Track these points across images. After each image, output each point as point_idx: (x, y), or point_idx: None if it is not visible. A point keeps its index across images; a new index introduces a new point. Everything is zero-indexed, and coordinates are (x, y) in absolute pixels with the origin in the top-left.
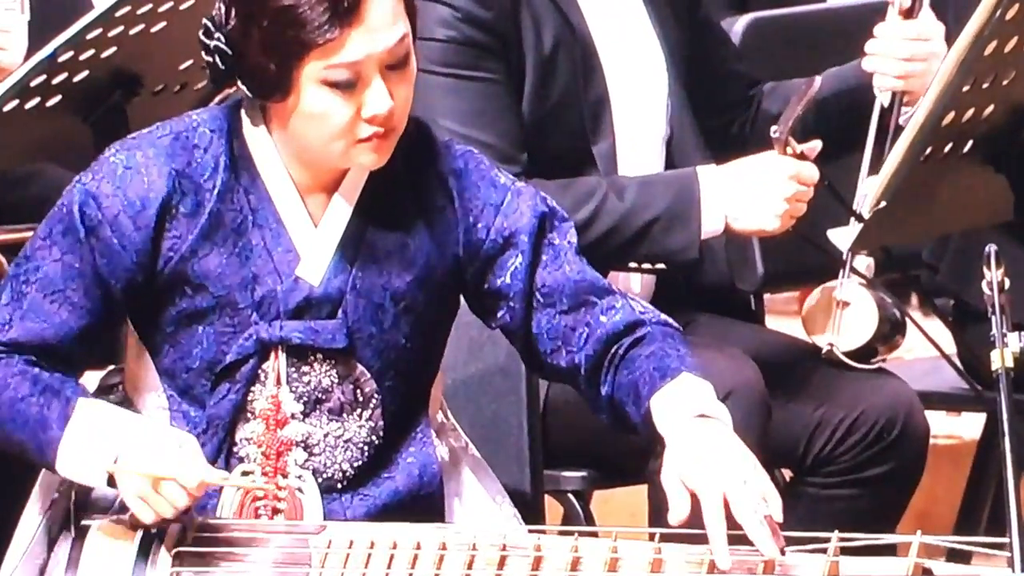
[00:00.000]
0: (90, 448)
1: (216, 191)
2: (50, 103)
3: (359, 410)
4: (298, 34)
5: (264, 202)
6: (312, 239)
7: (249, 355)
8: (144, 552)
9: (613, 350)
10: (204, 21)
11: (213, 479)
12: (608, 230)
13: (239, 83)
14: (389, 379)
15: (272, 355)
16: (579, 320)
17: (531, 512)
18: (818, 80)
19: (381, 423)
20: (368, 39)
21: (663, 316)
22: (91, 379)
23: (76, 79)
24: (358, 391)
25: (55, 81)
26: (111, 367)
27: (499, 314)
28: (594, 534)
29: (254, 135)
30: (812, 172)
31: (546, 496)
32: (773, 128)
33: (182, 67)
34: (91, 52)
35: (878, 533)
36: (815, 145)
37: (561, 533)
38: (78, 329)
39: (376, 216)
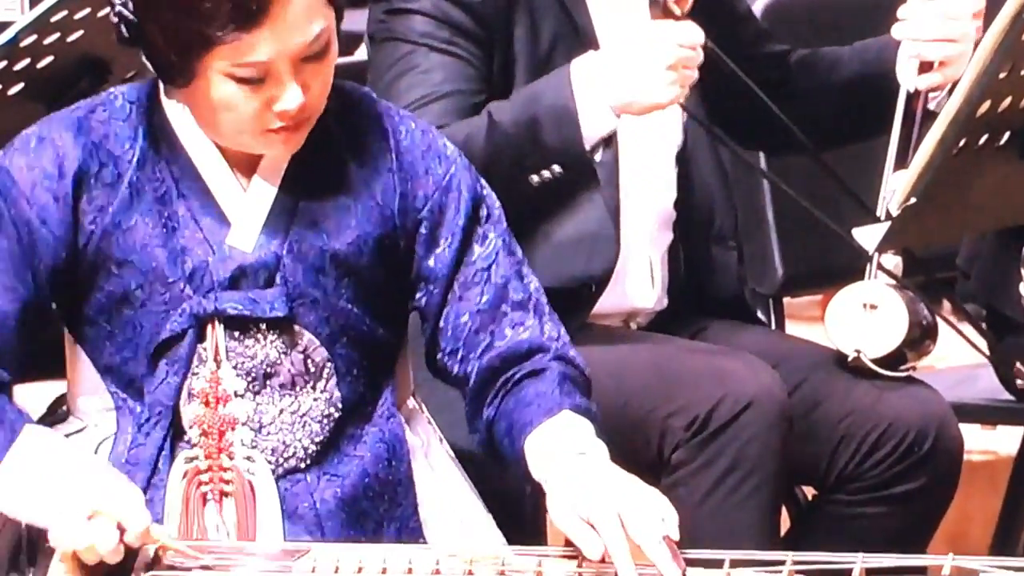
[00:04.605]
0: (30, 476)
1: (135, 160)
2: (11, 91)
3: (312, 382)
4: (201, 29)
5: (187, 171)
6: (242, 205)
7: (183, 331)
8: None
9: (508, 373)
10: None
11: (158, 534)
12: (497, 145)
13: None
14: (341, 347)
15: (209, 329)
16: (484, 326)
17: (532, 532)
18: None
19: (337, 394)
20: (279, 39)
21: (572, 352)
22: (53, 391)
23: (40, 65)
24: (308, 361)
25: (17, 67)
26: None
27: (418, 296)
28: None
29: (173, 105)
30: (695, 33)
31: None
32: None
33: None
34: (56, 36)
35: (907, 554)
36: None
37: (564, 556)
38: (14, 315)
39: (311, 178)
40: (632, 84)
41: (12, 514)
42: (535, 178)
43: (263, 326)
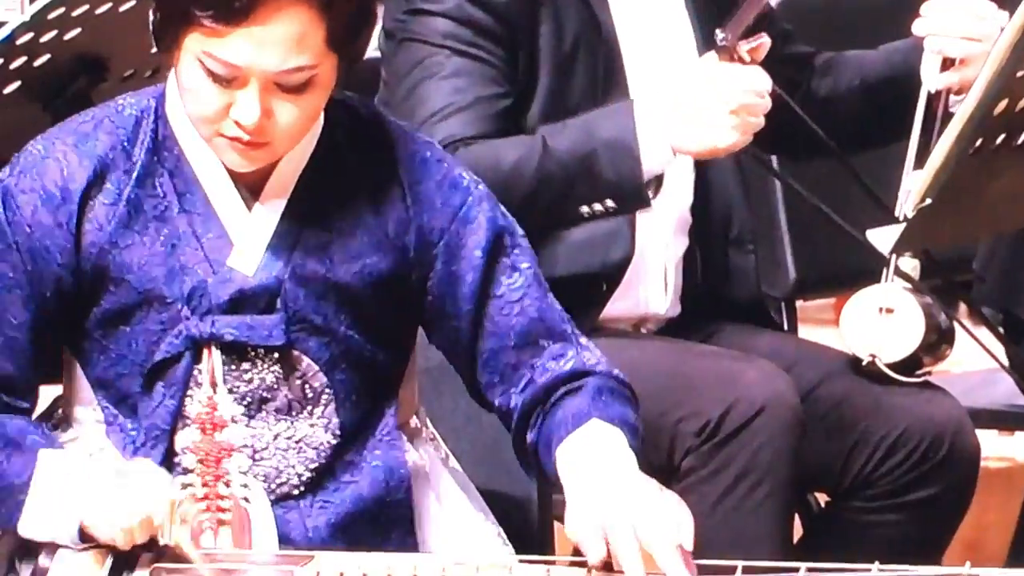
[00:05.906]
0: (60, 499)
1: (135, 175)
2: (7, 90)
3: (310, 407)
4: (186, 2)
5: (191, 186)
6: (245, 225)
7: (179, 353)
8: (118, 571)
9: (548, 397)
10: None
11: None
12: (549, 174)
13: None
14: (340, 373)
15: (206, 354)
16: (523, 361)
17: (539, 540)
18: None
19: (336, 420)
20: (253, 51)
21: (615, 370)
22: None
23: (36, 63)
24: (306, 387)
25: (13, 66)
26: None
27: (442, 332)
28: (609, 565)
29: (177, 113)
30: (763, 80)
31: (555, 523)
32: (719, 34)
33: (154, 50)
34: (53, 33)
35: (922, 564)
36: (763, 42)
37: (572, 564)
38: (28, 346)
39: (319, 201)
40: (693, 125)
41: (47, 538)
42: (585, 209)
43: (261, 351)
